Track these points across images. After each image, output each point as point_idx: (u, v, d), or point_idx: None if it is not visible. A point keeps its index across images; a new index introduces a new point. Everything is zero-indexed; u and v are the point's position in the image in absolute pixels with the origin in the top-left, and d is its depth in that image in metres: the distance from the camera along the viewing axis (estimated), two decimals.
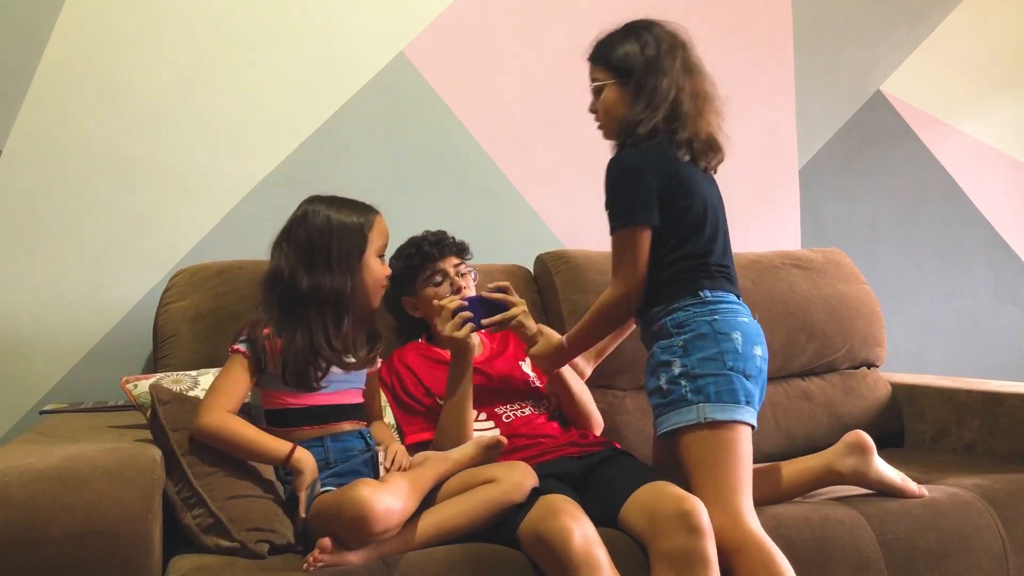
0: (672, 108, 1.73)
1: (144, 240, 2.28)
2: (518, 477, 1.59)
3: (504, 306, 1.83)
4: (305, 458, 1.55)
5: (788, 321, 2.41)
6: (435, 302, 1.87)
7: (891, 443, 2.44)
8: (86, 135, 2.24)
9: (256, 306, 1.68)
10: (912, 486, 1.86)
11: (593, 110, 1.84)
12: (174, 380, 1.80)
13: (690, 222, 1.73)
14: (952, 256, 3.16)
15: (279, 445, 1.55)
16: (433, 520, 1.54)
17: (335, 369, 1.66)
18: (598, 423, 2.00)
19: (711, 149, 1.79)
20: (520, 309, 1.85)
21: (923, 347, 3.09)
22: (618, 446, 1.91)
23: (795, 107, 2.94)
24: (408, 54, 2.54)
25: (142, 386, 1.77)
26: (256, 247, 2.29)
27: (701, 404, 1.63)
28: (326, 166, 2.43)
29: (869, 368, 2.56)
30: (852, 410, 2.43)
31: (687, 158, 1.75)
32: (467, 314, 1.78)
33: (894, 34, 3.11)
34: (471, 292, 1.99)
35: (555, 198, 2.68)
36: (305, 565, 1.41)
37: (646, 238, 1.71)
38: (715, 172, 1.83)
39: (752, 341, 1.70)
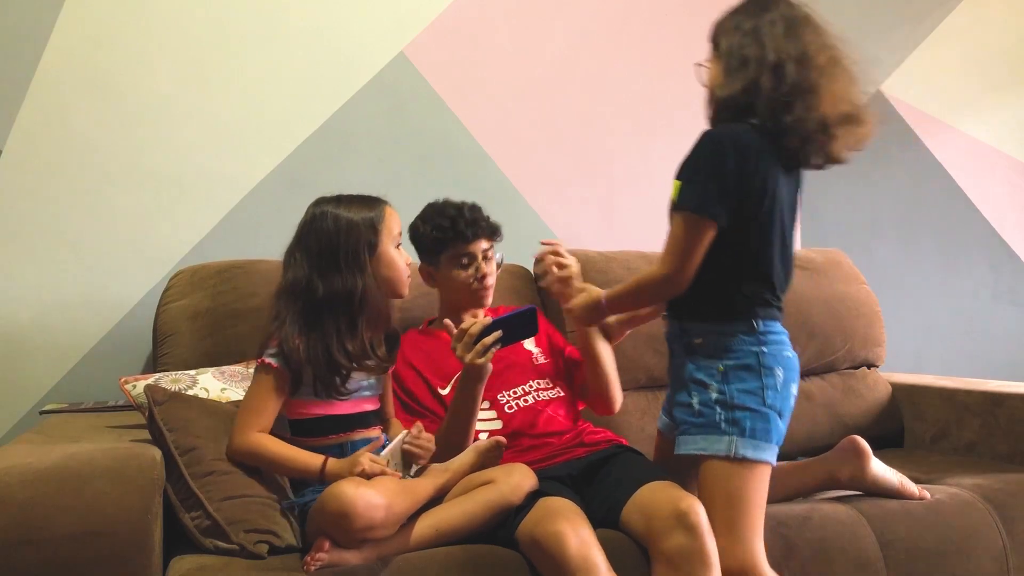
0: (769, 86, 1.56)
1: (144, 240, 2.28)
2: (517, 479, 1.58)
3: (532, 317, 1.73)
4: (338, 469, 1.52)
5: (788, 321, 2.38)
6: (450, 326, 1.74)
7: (891, 443, 2.44)
8: (86, 135, 2.24)
9: (275, 317, 1.61)
10: (911, 487, 1.84)
11: (706, 85, 1.70)
12: (173, 380, 1.80)
13: (761, 235, 1.61)
14: (952, 256, 3.16)
15: (312, 460, 1.54)
16: (432, 521, 1.54)
17: (356, 374, 1.63)
18: (617, 396, 1.93)
19: (848, 123, 1.61)
20: (572, 270, 1.79)
21: (923, 347, 3.08)
22: (625, 443, 1.89)
23: None
24: (408, 54, 2.54)
25: (140, 386, 1.77)
26: (256, 247, 2.30)
27: (735, 438, 1.57)
28: (326, 166, 2.43)
29: (869, 368, 2.56)
30: (852, 410, 2.43)
31: (795, 146, 1.59)
32: (491, 338, 1.66)
33: (894, 34, 3.11)
34: (493, 279, 1.94)
35: (555, 198, 2.68)
36: (304, 565, 1.41)
37: (710, 233, 1.57)
38: (851, 153, 1.67)
39: (791, 379, 1.64)
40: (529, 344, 1.97)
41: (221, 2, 2.36)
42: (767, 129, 1.58)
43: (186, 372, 1.85)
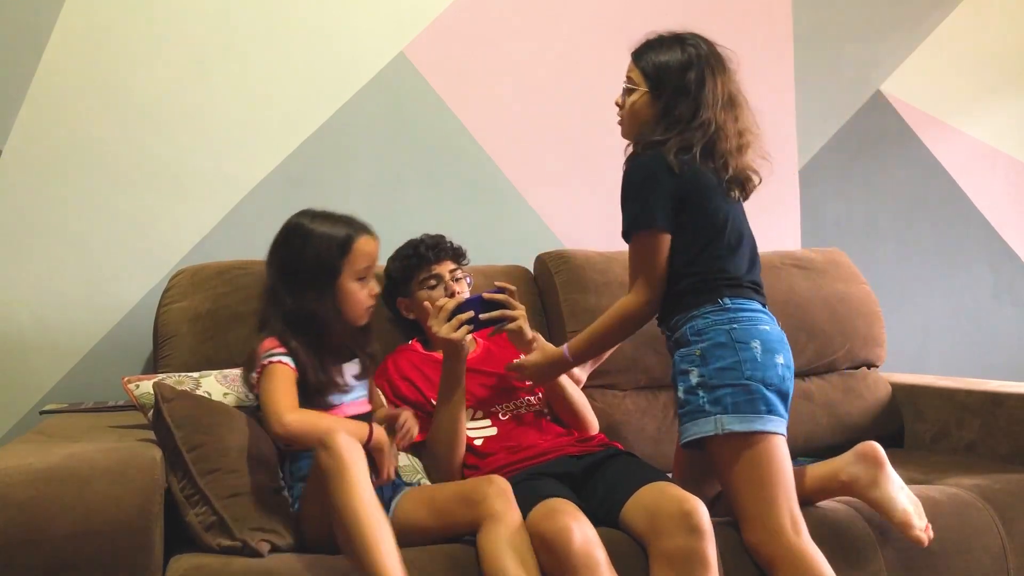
0: (709, 143, 1.70)
1: (144, 240, 2.28)
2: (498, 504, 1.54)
3: (504, 306, 1.82)
4: (383, 437, 1.56)
5: (788, 321, 2.38)
6: (426, 304, 1.87)
7: (891, 443, 2.44)
8: (86, 135, 2.24)
9: (264, 319, 1.66)
10: (915, 525, 1.70)
11: (619, 105, 1.83)
12: (176, 381, 1.79)
13: (708, 226, 1.69)
14: (952, 256, 3.16)
15: (360, 429, 1.54)
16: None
17: (348, 377, 1.67)
18: (593, 426, 1.99)
19: (745, 183, 1.76)
20: (520, 313, 1.84)
21: (923, 347, 3.08)
22: (620, 447, 1.90)
23: (795, 107, 2.94)
24: (408, 54, 2.54)
25: (144, 386, 1.77)
26: (256, 247, 2.28)
27: (719, 415, 1.60)
28: (326, 166, 2.43)
29: (869, 368, 2.56)
30: (852, 410, 2.43)
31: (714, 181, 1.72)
32: (464, 316, 1.76)
33: (894, 34, 3.11)
34: (469, 295, 1.99)
35: (555, 198, 2.68)
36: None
37: (664, 242, 1.68)
38: (745, 199, 1.79)
39: (773, 349, 1.66)
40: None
41: (221, 2, 2.36)
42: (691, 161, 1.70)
43: (189, 375, 1.84)
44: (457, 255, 2.04)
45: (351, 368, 1.71)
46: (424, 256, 1.99)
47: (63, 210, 2.22)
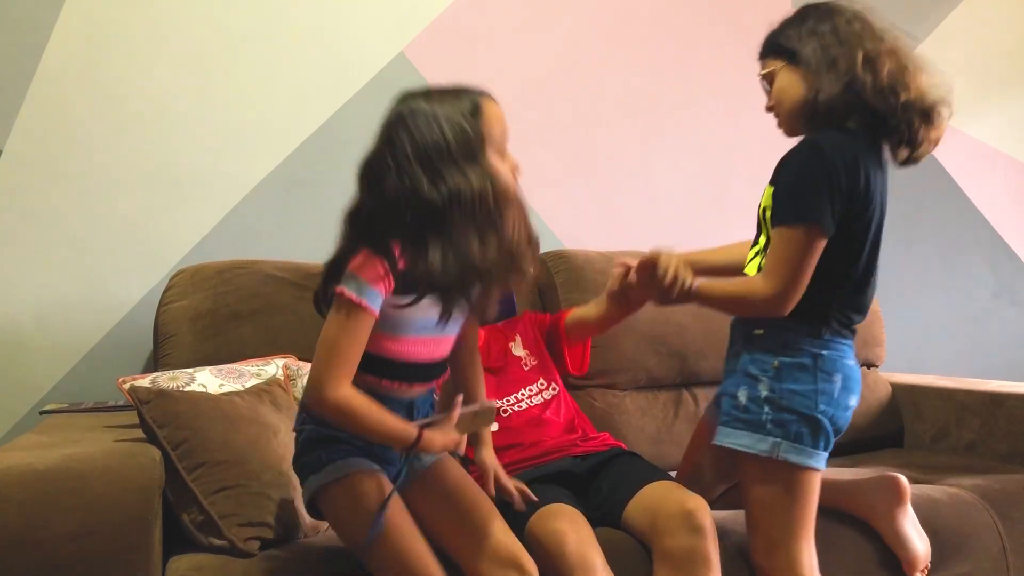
0: (870, 78, 1.53)
1: (144, 240, 2.28)
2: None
3: (511, 301, 1.76)
4: (434, 440, 1.36)
5: None
6: None
7: (891, 443, 2.44)
8: (86, 135, 2.24)
9: (368, 237, 1.34)
10: (918, 567, 1.70)
11: (769, 108, 1.63)
12: (171, 377, 1.80)
13: (851, 246, 1.54)
14: (952, 256, 3.16)
15: (407, 431, 1.34)
16: None
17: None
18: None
19: (928, 113, 1.60)
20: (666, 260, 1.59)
21: (923, 347, 3.08)
22: (623, 446, 1.90)
23: None
24: (408, 54, 2.54)
25: (138, 385, 1.77)
26: (257, 247, 2.30)
27: (779, 440, 1.50)
28: (326, 166, 2.43)
29: (869, 368, 2.56)
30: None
31: (898, 145, 1.59)
32: None
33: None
34: None
35: (555, 198, 2.68)
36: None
37: (821, 247, 1.49)
38: (922, 157, 1.65)
39: (851, 389, 1.55)
40: (517, 350, 1.99)
41: (221, 2, 2.36)
42: (870, 126, 1.55)
43: (184, 370, 1.85)
44: None
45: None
46: None
47: (63, 210, 2.22)
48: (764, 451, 1.51)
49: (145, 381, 1.78)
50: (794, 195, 1.50)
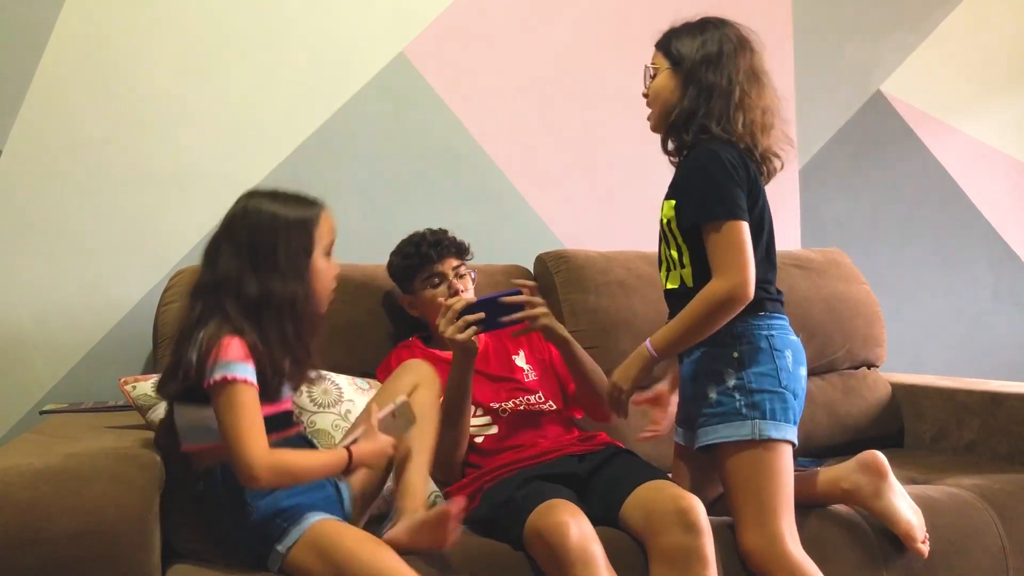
0: (736, 114, 1.66)
1: (144, 240, 2.28)
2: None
3: (522, 307, 1.77)
4: (363, 452, 1.49)
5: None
6: (440, 300, 1.86)
7: (891, 443, 2.44)
8: (86, 135, 2.24)
9: (199, 316, 1.46)
10: (917, 537, 1.72)
11: (644, 95, 1.78)
12: None
13: (757, 228, 1.67)
14: (952, 256, 3.16)
15: (336, 458, 1.47)
16: None
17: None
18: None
19: (769, 163, 1.72)
20: (542, 310, 1.79)
21: (923, 347, 3.08)
22: (621, 445, 1.90)
23: (795, 107, 2.94)
24: (408, 54, 2.54)
25: (141, 387, 1.77)
26: None
27: (756, 420, 1.60)
28: (326, 166, 2.43)
29: (869, 368, 2.56)
30: (852, 410, 2.43)
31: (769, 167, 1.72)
32: (473, 317, 1.73)
33: (894, 34, 3.11)
34: (469, 294, 1.97)
35: (555, 198, 2.68)
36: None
37: (747, 232, 1.62)
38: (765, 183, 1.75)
39: (799, 360, 1.68)
40: (520, 361, 2.00)
41: (221, 2, 2.36)
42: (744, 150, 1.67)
43: None
44: (460, 251, 2.03)
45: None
46: (426, 255, 1.98)
47: (63, 210, 2.22)
48: (746, 435, 1.60)
49: (148, 384, 1.78)
50: (714, 196, 1.62)
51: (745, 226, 1.62)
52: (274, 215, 1.51)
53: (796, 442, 1.64)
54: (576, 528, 1.48)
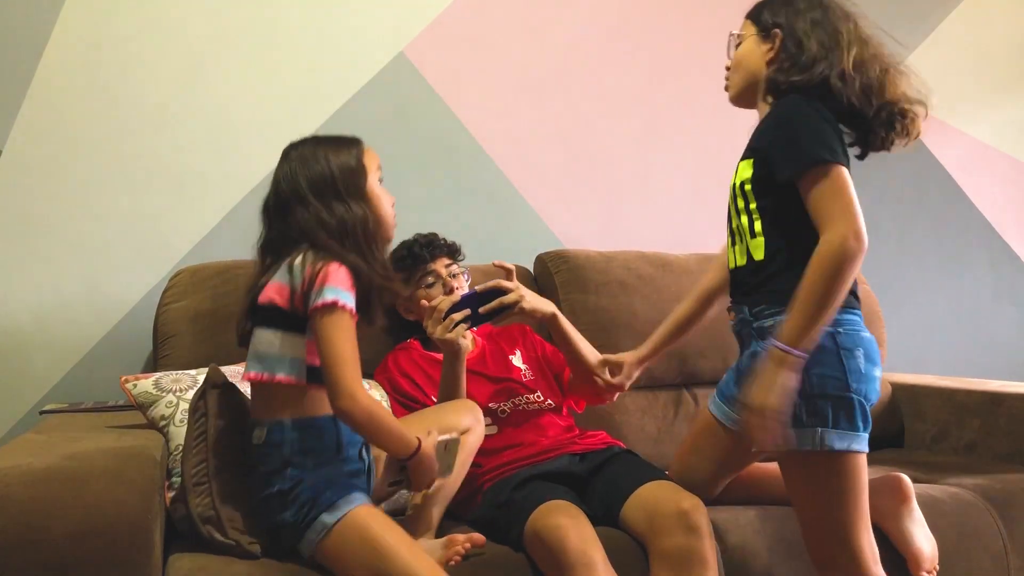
0: (848, 74, 1.51)
1: (144, 240, 2.28)
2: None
3: (500, 293, 1.77)
4: (421, 458, 1.48)
5: None
6: (423, 302, 1.86)
7: (891, 443, 2.44)
8: (86, 135, 2.24)
9: (315, 251, 1.48)
10: (923, 566, 1.69)
11: (727, 66, 1.67)
12: (174, 379, 1.80)
13: None
14: (952, 256, 3.16)
15: (407, 441, 1.46)
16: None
17: None
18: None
19: (904, 116, 1.55)
20: (517, 295, 1.76)
21: (923, 347, 3.08)
22: (622, 445, 1.90)
23: None
24: (408, 54, 2.54)
25: (141, 385, 1.77)
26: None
27: (819, 429, 1.43)
28: None
29: None
30: None
31: (861, 141, 1.58)
32: (459, 315, 1.74)
33: (894, 34, 3.10)
34: (464, 292, 1.98)
35: (555, 198, 2.68)
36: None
37: (850, 179, 1.46)
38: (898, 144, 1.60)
39: (873, 360, 1.49)
40: (517, 361, 2.01)
41: (221, 2, 2.36)
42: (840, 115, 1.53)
43: (187, 372, 1.85)
44: (452, 251, 2.04)
45: None
46: (418, 255, 1.99)
47: (63, 210, 2.22)
48: (807, 446, 1.44)
49: (148, 382, 1.78)
50: (815, 139, 1.46)
51: (848, 173, 1.46)
52: (321, 151, 1.57)
53: (867, 451, 1.48)
54: (575, 530, 1.48)
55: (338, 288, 1.44)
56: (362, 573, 1.39)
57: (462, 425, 1.65)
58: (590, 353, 1.88)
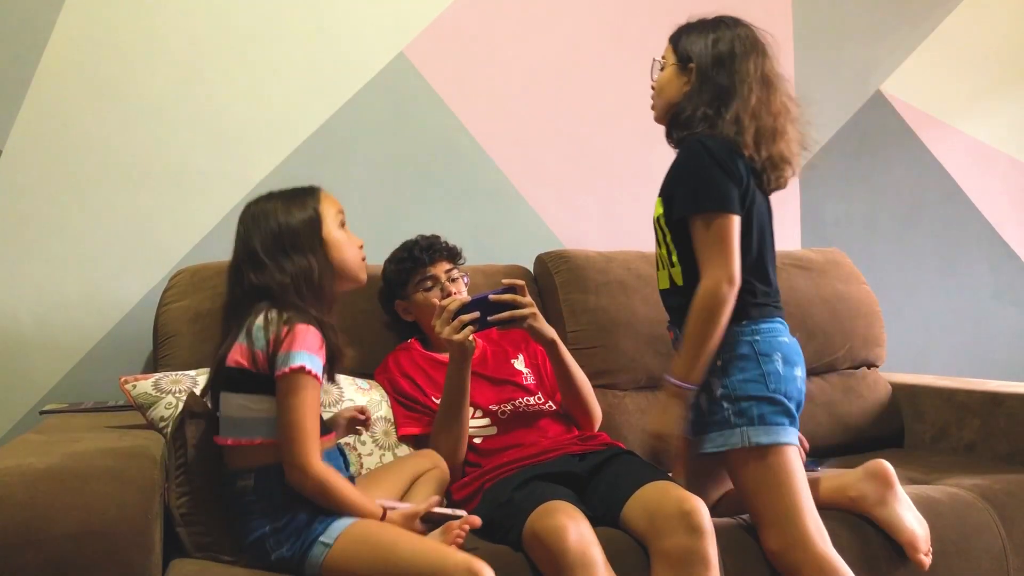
0: (746, 119, 1.63)
1: (144, 240, 2.28)
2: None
3: (512, 305, 1.79)
4: (393, 521, 1.50)
5: (788, 321, 2.39)
6: (435, 301, 1.87)
7: (891, 443, 2.44)
8: (86, 135, 2.24)
9: (280, 312, 1.48)
10: (920, 548, 1.71)
11: (652, 87, 1.79)
12: (173, 380, 1.79)
13: (752, 227, 1.65)
14: (952, 256, 3.16)
15: (370, 512, 1.48)
16: None
17: None
18: (596, 418, 1.98)
19: (778, 169, 1.68)
20: (530, 310, 1.80)
21: (923, 347, 3.08)
22: (622, 446, 1.90)
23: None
24: (408, 54, 2.54)
25: (141, 386, 1.77)
26: None
27: (744, 428, 1.59)
28: (326, 166, 2.43)
29: (869, 368, 2.56)
30: (852, 410, 2.43)
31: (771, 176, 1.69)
32: (468, 316, 1.74)
33: (894, 34, 3.11)
34: (476, 295, 1.98)
35: (555, 198, 2.68)
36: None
37: (737, 226, 1.60)
38: (774, 190, 1.74)
39: (792, 362, 1.66)
40: (519, 364, 2.01)
41: (221, 2, 2.36)
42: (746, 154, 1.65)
43: (186, 372, 1.84)
44: (452, 255, 2.04)
45: None
46: (418, 258, 1.99)
47: (63, 210, 2.22)
48: (736, 443, 1.59)
49: (148, 382, 1.78)
50: (702, 188, 1.61)
51: (735, 220, 1.60)
52: (272, 208, 1.57)
53: (795, 442, 1.63)
54: (575, 531, 1.48)
55: (306, 352, 1.44)
56: (373, 573, 1.40)
57: (422, 470, 1.71)
58: (584, 386, 1.93)
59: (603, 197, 2.74)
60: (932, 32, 3.15)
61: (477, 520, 1.53)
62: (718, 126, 1.64)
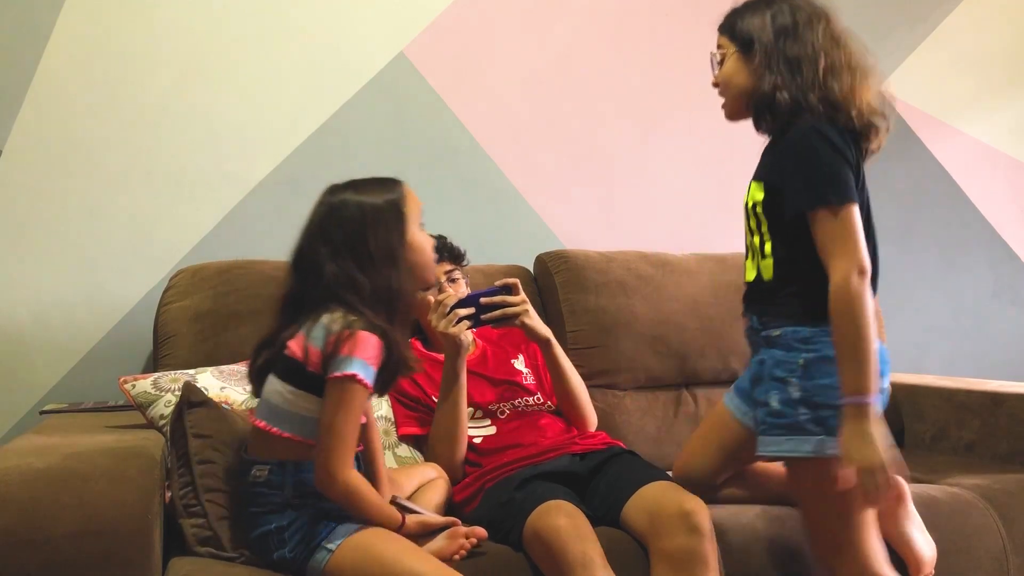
0: (824, 83, 1.52)
1: (144, 240, 2.28)
2: None
3: (504, 305, 1.80)
4: (410, 531, 1.48)
5: None
6: (428, 297, 1.86)
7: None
8: (86, 135, 2.24)
9: (325, 313, 1.45)
10: (923, 571, 1.69)
11: (715, 84, 1.67)
12: (172, 379, 1.80)
13: (864, 226, 1.51)
14: (952, 256, 3.16)
15: (391, 519, 1.46)
16: None
17: None
18: (591, 422, 1.97)
19: (874, 126, 1.55)
20: (522, 308, 1.80)
21: (923, 347, 3.08)
22: (623, 446, 1.90)
23: None
24: (408, 54, 2.54)
25: (140, 385, 1.77)
26: (257, 247, 2.30)
27: (821, 437, 1.46)
28: (326, 166, 2.43)
29: None
30: None
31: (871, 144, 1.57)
32: (463, 311, 1.75)
33: (894, 34, 3.11)
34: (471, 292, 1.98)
35: (555, 198, 2.68)
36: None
37: (859, 218, 1.47)
38: (875, 152, 1.60)
39: (882, 371, 1.48)
40: (519, 365, 2.01)
41: (221, 2, 2.36)
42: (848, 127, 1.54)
43: (185, 372, 1.85)
44: (455, 256, 2.03)
45: None
46: None
47: (63, 210, 2.22)
48: (808, 452, 1.47)
49: (147, 382, 1.78)
50: (824, 180, 1.48)
51: (856, 209, 1.47)
52: (361, 204, 1.51)
53: None
54: (575, 530, 1.48)
55: (363, 360, 1.41)
56: None
57: (428, 478, 1.72)
58: (578, 385, 1.93)
59: (603, 197, 2.74)
60: (932, 32, 3.15)
61: (484, 532, 1.53)
62: (810, 100, 1.52)
